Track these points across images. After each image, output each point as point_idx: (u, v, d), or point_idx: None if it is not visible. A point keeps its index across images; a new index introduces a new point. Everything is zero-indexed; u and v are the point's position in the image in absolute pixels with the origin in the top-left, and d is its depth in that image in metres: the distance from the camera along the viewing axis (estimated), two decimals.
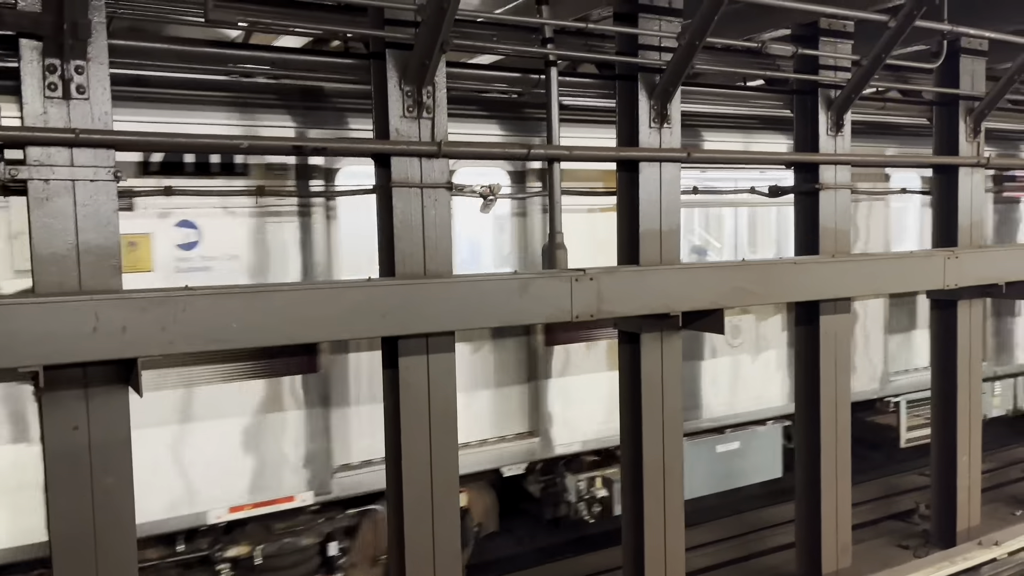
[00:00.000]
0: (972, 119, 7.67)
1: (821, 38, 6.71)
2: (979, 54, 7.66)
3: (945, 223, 7.83)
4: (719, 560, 7.98)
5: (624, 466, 6.32)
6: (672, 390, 6.18)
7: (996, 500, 9.50)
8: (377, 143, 5.09)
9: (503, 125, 7.20)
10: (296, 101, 6.42)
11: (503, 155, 6.06)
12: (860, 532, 8.53)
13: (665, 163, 6.04)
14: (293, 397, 6.48)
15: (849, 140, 6.98)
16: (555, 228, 5.87)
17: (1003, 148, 9.96)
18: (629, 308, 5.71)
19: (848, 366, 7.18)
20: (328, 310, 4.58)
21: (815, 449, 7.04)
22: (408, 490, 5.16)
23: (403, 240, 5.06)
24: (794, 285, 6.49)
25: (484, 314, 5.15)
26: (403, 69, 4.98)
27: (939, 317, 7.99)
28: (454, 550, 5.33)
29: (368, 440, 6.66)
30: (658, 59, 5.87)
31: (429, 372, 5.15)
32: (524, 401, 7.52)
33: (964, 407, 7.93)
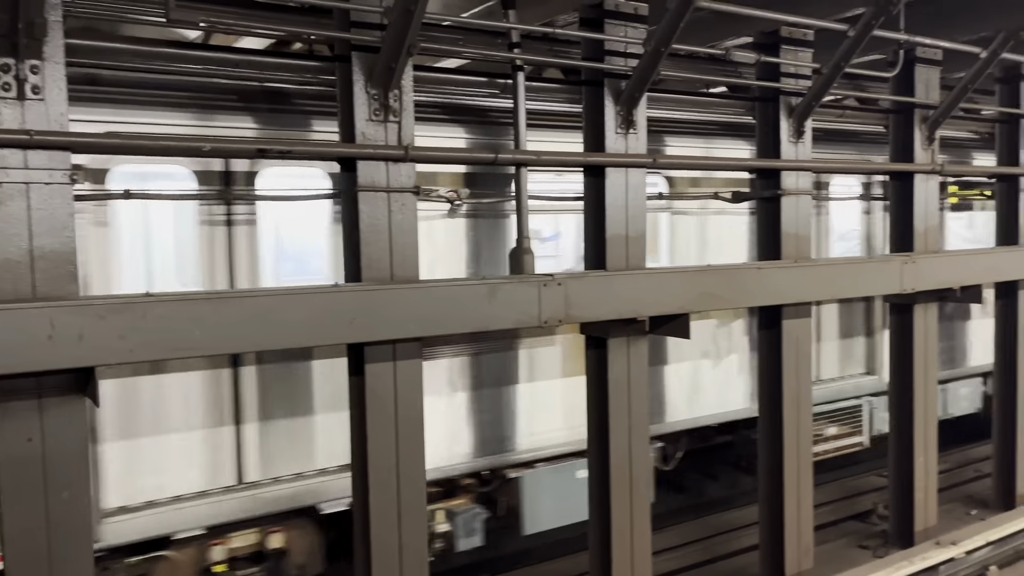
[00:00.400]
0: (927, 127, 7.85)
1: (783, 46, 6.82)
2: (934, 64, 7.85)
3: (902, 229, 7.99)
4: (685, 563, 8.03)
5: (591, 470, 6.32)
6: (639, 394, 6.20)
7: (953, 500, 9.72)
8: (343, 147, 5.02)
9: (471, 129, 7.17)
10: (260, 103, 6.32)
11: (470, 159, 6.03)
12: (822, 533, 8.66)
13: (631, 169, 6.07)
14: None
15: (810, 147, 7.08)
16: (523, 232, 5.85)
17: (957, 156, 10.22)
18: (597, 313, 5.72)
19: (809, 369, 7.27)
20: (294, 316, 4.50)
21: (778, 451, 7.12)
22: (375, 498, 5.09)
23: (370, 245, 5.00)
24: (758, 290, 6.56)
25: (452, 320, 5.11)
26: (369, 72, 4.93)
27: (896, 321, 8.15)
28: (421, 557, 5.27)
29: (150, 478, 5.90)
30: (624, 65, 5.90)
31: (396, 379, 5.09)
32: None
33: (920, 408, 8.09)
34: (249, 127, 6.23)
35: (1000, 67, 8.67)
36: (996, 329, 9.23)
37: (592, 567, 6.37)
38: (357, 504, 5.22)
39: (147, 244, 6.00)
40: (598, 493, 6.26)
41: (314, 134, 6.41)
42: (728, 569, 7.94)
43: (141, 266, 5.98)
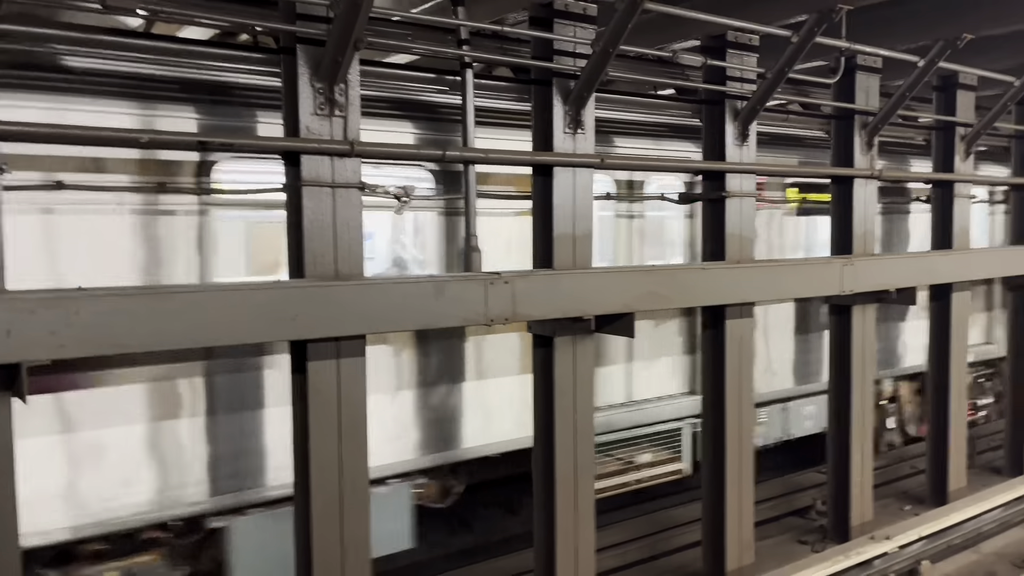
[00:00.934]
0: (866, 133, 8.06)
1: (729, 50, 6.92)
2: (874, 71, 8.06)
3: (841, 232, 8.19)
4: (629, 560, 8.11)
5: (536, 468, 6.34)
6: (584, 393, 6.25)
7: (889, 496, 10.00)
8: (287, 141, 4.95)
9: (420, 125, 7.12)
10: (203, 95, 6.18)
11: (418, 156, 5.99)
12: (763, 529, 8.83)
13: (579, 168, 6.10)
14: None
15: (754, 150, 7.21)
16: (470, 231, 5.84)
17: (895, 161, 10.50)
18: (543, 311, 5.74)
19: (751, 368, 7.40)
20: (234, 312, 4.42)
21: (720, 449, 7.24)
22: (316, 498, 5.03)
23: (313, 241, 4.94)
24: (702, 289, 6.66)
25: (398, 317, 5.08)
26: (315, 66, 4.86)
27: (836, 322, 8.35)
28: (364, 557, 5.23)
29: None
30: (573, 65, 5.93)
31: (339, 377, 5.03)
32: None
33: (858, 406, 8.31)
34: (191, 118, 6.09)
35: (937, 76, 8.95)
36: (930, 329, 9.53)
37: (537, 564, 6.39)
38: (298, 503, 5.15)
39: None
40: (543, 491, 6.28)
41: (260, 127, 6.29)
42: (671, 565, 8.05)
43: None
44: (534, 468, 6.38)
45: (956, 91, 9.08)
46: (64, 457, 5.40)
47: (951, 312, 9.28)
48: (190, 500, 5.90)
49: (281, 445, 5.88)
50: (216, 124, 6.03)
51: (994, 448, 11.61)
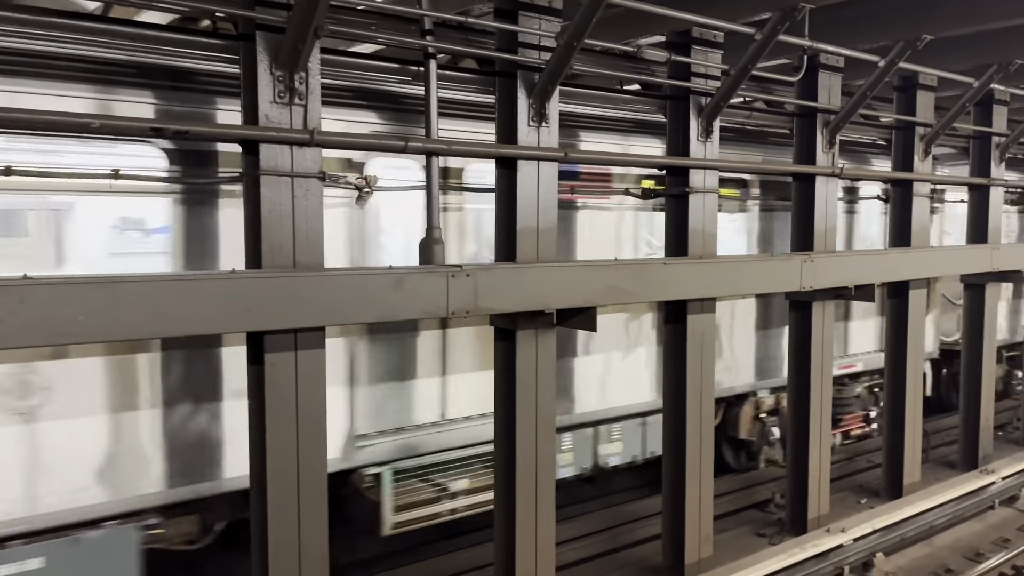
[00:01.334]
0: (828, 131, 8.15)
1: (694, 47, 6.95)
2: (836, 70, 8.15)
3: (802, 228, 8.28)
4: (590, 553, 8.13)
5: (497, 462, 6.33)
6: (546, 386, 6.24)
7: (846, 489, 10.16)
8: (245, 129, 4.86)
9: (385, 116, 7.06)
10: (161, 80, 6.06)
11: (379, 147, 5.92)
12: (723, 522, 8.93)
13: (543, 162, 6.09)
14: None
15: (718, 146, 7.26)
16: (432, 223, 5.81)
17: (856, 160, 10.67)
18: (505, 305, 5.72)
19: (713, 362, 7.46)
20: (188, 303, 4.34)
21: (680, 443, 7.29)
22: (273, 492, 4.97)
23: (272, 231, 4.86)
24: (664, 284, 6.69)
25: (357, 309, 5.02)
26: (275, 53, 4.78)
27: (796, 318, 8.45)
28: (322, 552, 5.18)
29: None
30: (538, 58, 5.91)
31: (297, 370, 4.97)
32: None
33: (817, 401, 8.42)
34: (149, 103, 5.97)
35: (898, 76, 9.09)
36: (888, 326, 9.69)
37: (497, 557, 6.39)
38: (255, 497, 5.08)
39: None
40: (504, 485, 6.28)
41: (220, 115, 6.18)
42: (631, 558, 8.09)
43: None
44: (495, 461, 6.37)
45: (916, 91, 9.22)
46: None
47: (908, 309, 9.44)
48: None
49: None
50: (175, 111, 5.92)
51: (949, 443, 11.87)
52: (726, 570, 7.23)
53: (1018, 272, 10.53)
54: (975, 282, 10.60)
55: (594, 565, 7.95)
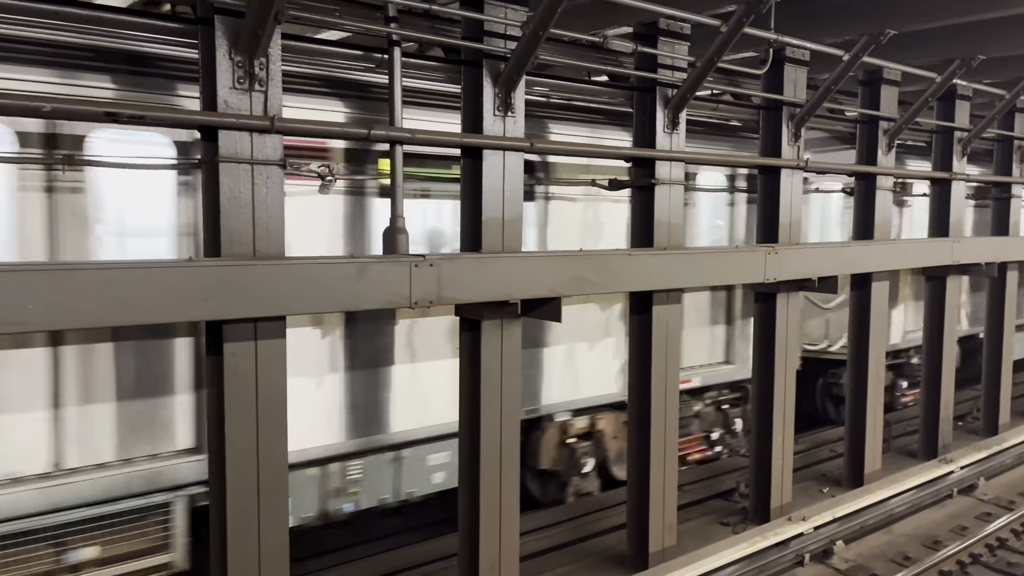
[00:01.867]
0: (793, 124, 8.22)
1: (660, 38, 6.96)
2: (801, 63, 8.21)
3: (767, 220, 8.35)
4: (554, 543, 8.16)
5: (461, 452, 6.33)
6: (511, 376, 6.24)
7: (809, 478, 10.30)
8: (204, 114, 4.78)
9: (351, 104, 6.99)
10: (119, 64, 5.94)
11: (342, 134, 5.87)
12: (688, 511, 9.00)
13: (509, 152, 6.07)
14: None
15: (684, 138, 7.28)
16: (396, 212, 5.76)
17: (819, 153, 10.78)
18: (470, 295, 5.70)
19: (678, 353, 7.51)
20: (143, 291, 4.26)
21: (645, 432, 7.34)
22: (232, 483, 4.92)
23: (231, 219, 4.80)
24: (630, 275, 6.71)
25: (318, 299, 4.97)
26: (234, 38, 4.71)
27: (760, 309, 8.53)
28: (281, 544, 5.14)
29: None
30: (503, 47, 5.88)
31: (257, 359, 4.92)
32: None
33: (780, 391, 8.51)
34: (107, 88, 5.85)
35: (863, 70, 9.18)
36: (850, 318, 9.82)
37: (461, 548, 6.39)
38: (213, 489, 5.03)
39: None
40: (468, 475, 6.28)
41: (178, 101, 6.08)
42: (596, 547, 8.13)
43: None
44: (459, 451, 6.36)
45: (880, 86, 9.31)
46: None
47: (871, 301, 9.57)
48: None
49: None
50: (133, 95, 5.82)
51: (910, 432, 12.08)
52: (689, 558, 7.30)
53: (978, 265, 10.72)
54: (936, 275, 10.78)
55: (559, 555, 7.98)
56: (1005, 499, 10.06)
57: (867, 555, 8.44)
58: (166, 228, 6.14)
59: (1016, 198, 11.97)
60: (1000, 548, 8.74)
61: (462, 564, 6.39)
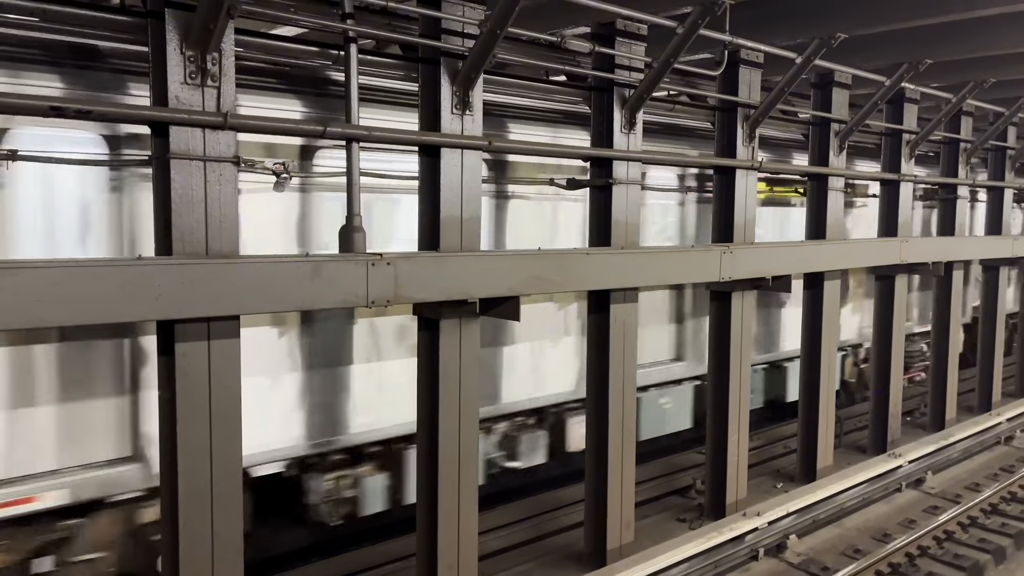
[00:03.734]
0: (748, 125, 8.34)
1: (618, 38, 7.01)
2: (756, 66, 8.33)
3: (723, 220, 8.46)
4: (512, 542, 8.17)
5: (420, 452, 6.30)
6: (469, 375, 6.23)
7: (764, 474, 10.48)
8: (154, 110, 4.68)
9: (306, 102, 6.90)
10: (66, 59, 5.78)
11: (297, 131, 5.79)
12: (645, 508, 9.10)
13: (467, 150, 6.05)
14: None
15: (641, 138, 7.34)
16: (352, 210, 5.70)
17: (776, 154, 10.94)
18: (428, 294, 5.67)
19: (635, 351, 7.56)
20: (91, 290, 4.16)
21: (603, 430, 7.38)
22: (185, 486, 4.82)
23: (182, 216, 4.70)
24: (587, 274, 6.74)
25: (272, 298, 4.90)
26: (185, 32, 4.62)
27: (716, 308, 8.64)
28: (236, 548, 5.05)
29: None
30: (461, 45, 5.86)
31: (210, 360, 4.83)
32: None
33: (735, 389, 8.64)
34: (55, 86, 5.68)
35: (815, 73, 9.35)
36: (803, 316, 10.00)
37: (419, 548, 6.36)
38: (165, 492, 4.93)
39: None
40: (426, 474, 6.25)
41: (129, 97, 5.94)
42: (554, 545, 8.17)
43: None
44: (417, 451, 6.33)
45: (832, 88, 9.50)
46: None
47: (823, 299, 9.75)
48: None
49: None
50: (80, 92, 5.66)
51: (861, 428, 12.34)
52: (646, 555, 7.36)
53: (925, 264, 10.99)
54: (886, 274, 11.04)
55: (517, 553, 8.00)
56: (952, 493, 10.34)
57: (819, 548, 8.60)
58: (91, 227, 5.92)
59: (962, 199, 12.32)
60: (947, 540, 8.98)
61: (420, 564, 6.35)
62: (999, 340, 13.59)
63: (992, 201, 13.52)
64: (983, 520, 9.53)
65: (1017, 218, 14.94)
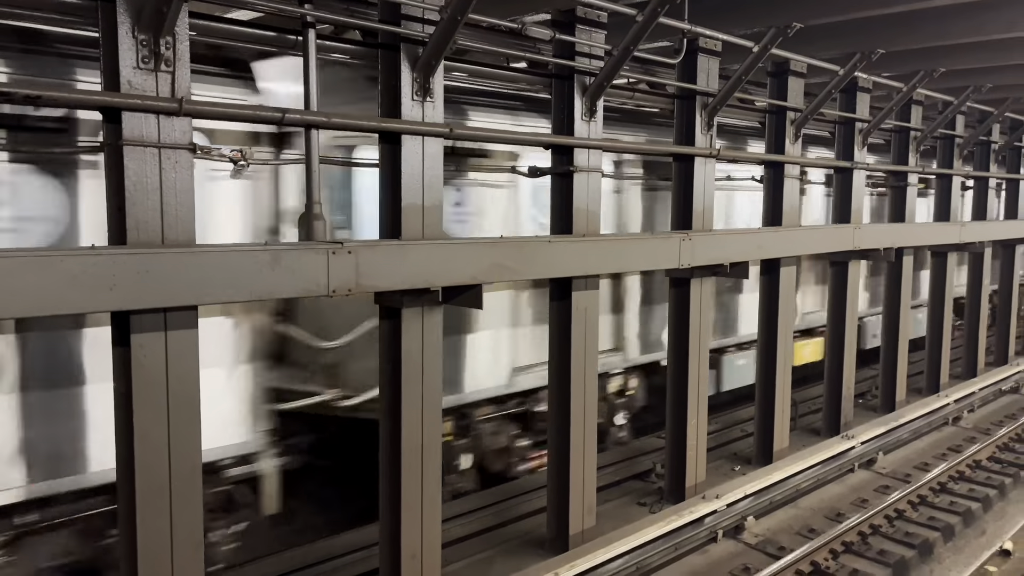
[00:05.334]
0: (706, 113, 8.42)
1: (578, 26, 7.00)
2: (714, 54, 8.41)
3: (682, 207, 8.54)
4: (476, 528, 8.19)
5: (382, 441, 6.27)
6: (432, 365, 6.21)
7: (721, 457, 10.66)
8: (105, 95, 4.54)
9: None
10: (10, 43, 5.59)
11: (255, 118, 5.67)
12: (606, 493, 9.19)
13: (428, 138, 6.01)
14: None
15: (601, 125, 7.36)
16: (312, 197, 5.63)
17: (734, 142, 11.08)
18: (390, 283, 5.63)
19: (596, 338, 7.61)
20: (40, 281, 4.04)
21: (565, 417, 7.43)
22: (142, 482, 4.73)
23: (137, 205, 4.59)
24: (548, 262, 6.76)
25: (231, 287, 4.82)
26: (137, 15, 4.49)
27: (675, 294, 8.74)
28: (196, 544, 4.98)
29: None
30: (421, 31, 5.80)
31: (167, 351, 4.74)
32: None
33: (695, 373, 8.76)
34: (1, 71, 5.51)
35: (771, 62, 9.47)
36: (760, 302, 10.17)
37: (382, 537, 6.34)
38: (121, 489, 4.83)
39: None
40: (389, 463, 6.22)
41: (79, 83, 5.77)
42: (517, 531, 8.22)
43: None
44: (380, 441, 6.30)
45: (788, 77, 9.64)
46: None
47: (779, 285, 9.93)
48: None
49: None
50: (28, 77, 5.49)
51: (815, 411, 12.62)
52: (608, 539, 7.44)
53: (877, 250, 11.25)
54: (839, 260, 11.27)
55: (481, 540, 8.02)
56: (902, 472, 10.64)
57: (775, 529, 8.79)
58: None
59: (912, 186, 12.62)
60: (898, 519, 9.24)
61: (383, 553, 6.34)
62: (947, 324, 13.99)
63: (941, 188, 13.87)
64: (932, 499, 9.83)
65: (968, 205, 15.34)
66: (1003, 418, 13.32)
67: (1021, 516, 9.48)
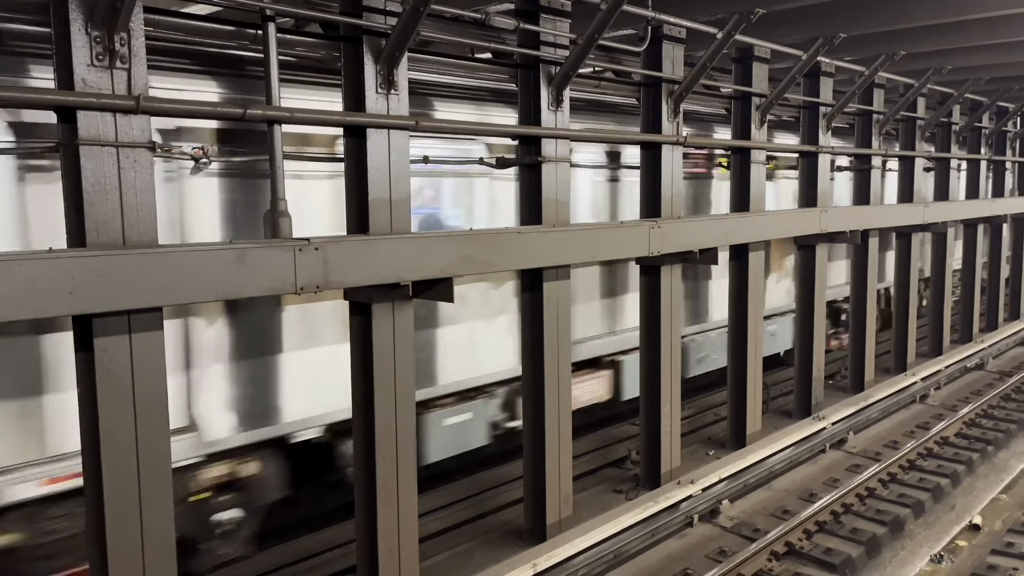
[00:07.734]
0: (672, 100, 8.43)
1: (542, 15, 6.97)
2: (679, 41, 8.42)
3: (650, 195, 8.57)
4: (453, 521, 8.20)
5: (356, 437, 6.22)
6: (404, 359, 6.17)
7: (695, 442, 10.75)
8: (60, 94, 4.43)
9: (225, 83, 6.65)
10: None
11: (216, 114, 5.58)
12: (583, 481, 9.23)
13: (393, 130, 5.95)
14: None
15: (568, 115, 7.34)
16: (277, 194, 5.54)
17: (701, 129, 11.12)
18: (358, 278, 5.57)
19: (569, 328, 7.62)
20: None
21: (540, 407, 7.43)
22: (110, 487, 4.65)
23: (95, 206, 4.49)
24: (519, 253, 6.73)
25: (195, 287, 4.73)
26: (90, 11, 4.38)
27: (645, 282, 8.76)
28: (168, 547, 4.91)
29: None
30: (384, 23, 5.73)
31: (132, 354, 4.65)
32: None
33: (667, 361, 8.80)
34: None
35: (736, 48, 9.51)
36: (730, 287, 10.24)
37: (358, 533, 6.31)
38: (89, 493, 4.74)
39: None
40: (363, 459, 6.18)
41: (33, 82, 5.62)
42: (495, 523, 8.22)
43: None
44: (354, 437, 6.25)
45: (752, 63, 9.69)
46: None
47: (748, 270, 10.01)
48: None
49: None
50: None
51: (786, 393, 12.77)
52: (585, 527, 7.47)
53: (843, 233, 11.37)
54: (807, 243, 11.38)
55: (458, 533, 8.03)
56: (872, 451, 10.81)
57: (750, 512, 8.89)
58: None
59: (875, 169, 12.77)
60: (869, 497, 9.39)
61: (360, 549, 6.31)
62: (912, 304, 14.21)
63: (904, 170, 14.06)
64: (902, 476, 9.99)
65: (930, 185, 15.56)
66: (969, 395, 13.58)
67: (989, 491, 9.67)
